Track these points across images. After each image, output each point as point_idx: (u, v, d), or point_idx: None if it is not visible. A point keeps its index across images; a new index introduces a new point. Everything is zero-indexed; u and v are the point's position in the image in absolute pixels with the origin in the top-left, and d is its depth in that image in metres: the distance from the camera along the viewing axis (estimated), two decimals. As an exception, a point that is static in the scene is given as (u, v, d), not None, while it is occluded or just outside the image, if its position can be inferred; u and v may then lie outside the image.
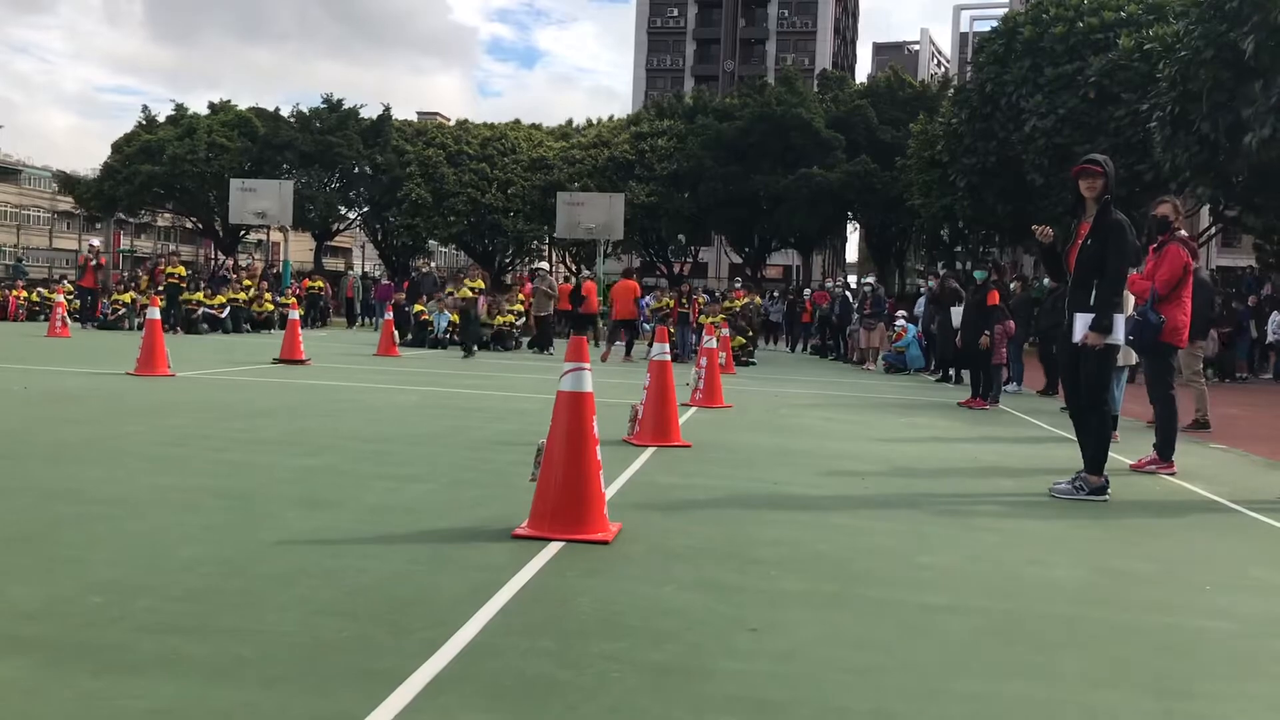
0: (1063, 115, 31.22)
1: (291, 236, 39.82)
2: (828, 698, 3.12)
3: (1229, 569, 5.09)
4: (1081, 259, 6.80)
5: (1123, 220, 6.77)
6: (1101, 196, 6.80)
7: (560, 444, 4.94)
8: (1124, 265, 6.83)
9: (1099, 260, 6.70)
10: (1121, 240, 6.71)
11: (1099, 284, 6.68)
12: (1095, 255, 6.72)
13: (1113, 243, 6.68)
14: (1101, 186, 6.81)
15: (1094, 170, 6.83)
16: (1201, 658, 3.68)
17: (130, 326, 25.24)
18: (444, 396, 12.19)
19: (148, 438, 7.73)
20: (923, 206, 40.21)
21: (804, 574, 4.56)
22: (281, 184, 38.48)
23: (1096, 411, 6.94)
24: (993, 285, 13.87)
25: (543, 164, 51.58)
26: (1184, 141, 25.35)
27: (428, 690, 3.02)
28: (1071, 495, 6.75)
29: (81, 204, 54.31)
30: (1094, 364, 6.79)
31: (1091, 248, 6.74)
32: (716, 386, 12.15)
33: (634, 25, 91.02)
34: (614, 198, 36.60)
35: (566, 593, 4.08)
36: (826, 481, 7.10)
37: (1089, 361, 6.78)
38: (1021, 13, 35.42)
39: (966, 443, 9.79)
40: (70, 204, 63.32)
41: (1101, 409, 6.97)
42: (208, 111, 52.15)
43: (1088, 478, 6.81)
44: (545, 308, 23.40)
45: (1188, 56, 24.72)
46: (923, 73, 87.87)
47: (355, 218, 56.62)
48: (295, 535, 4.82)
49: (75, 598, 3.73)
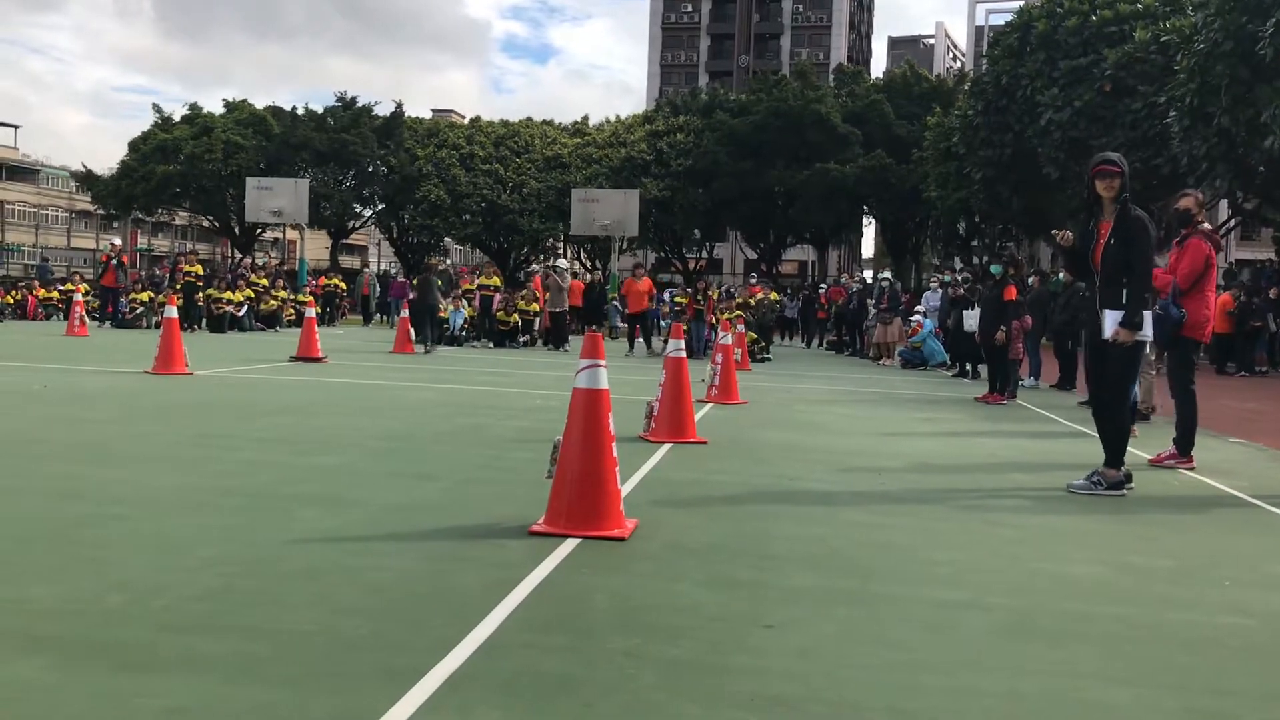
0: (1078, 108, 31.08)
1: (307, 235, 39.94)
2: (843, 695, 3.12)
3: (1248, 564, 5.05)
4: (1106, 258, 6.82)
5: (1143, 216, 6.82)
6: (1120, 195, 6.81)
7: (576, 441, 4.94)
8: (1150, 262, 6.86)
9: (1124, 258, 6.73)
10: (1145, 237, 6.74)
11: (1129, 281, 6.70)
12: (1120, 253, 6.74)
13: (1137, 240, 6.70)
14: (1119, 186, 6.83)
15: (1111, 170, 6.84)
16: (1221, 654, 3.66)
17: (148, 325, 25.37)
18: (460, 394, 12.22)
19: (166, 437, 7.77)
20: (939, 199, 40.12)
21: (820, 570, 4.55)
22: (297, 182, 38.61)
23: (1119, 406, 6.96)
24: (1010, 280, 13.81)
25: (558, 162, 51.61)
26: (1202, 133, 25.21)
27: (445, 687, 3.03)
28: (1089, 491, 6.72)
29: (99, 203, 54.59)
30: (1122, 360, 6.80)
31: (1115, 246, 6.77)
32: (732, 383, 12.14)
33: (648, 21, 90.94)
34: (629, 194, 36.60)
35: (583, 589, 4.09)
36: (842, 478, 7.08)
37: (1117, 358, 6.79)
38: (1036, 6, 35.27)
39: (983, 438, 9.76)
40: (88, 203, 63.62)
41: (1124, 403, 6.98)
42: (223, 110, 52.36)
43: (1105, 472, 6.79)
44: (559, 304, 23.43)
45: (1206, 49, 24.56)
46: (938, 67, 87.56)
47: (370, 215, 56.75)
48: (313, 534, 4.83)
49: (93, 597, 3.75)
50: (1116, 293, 6.75)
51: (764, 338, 22.87)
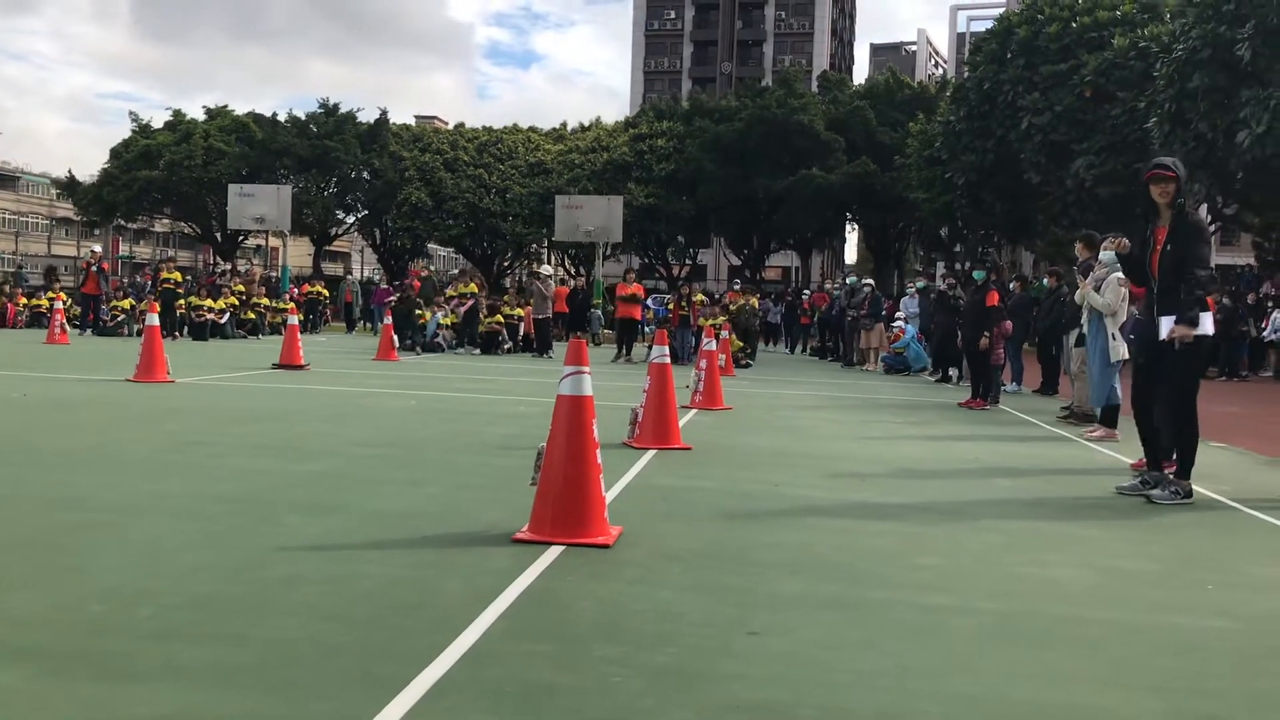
0: (1059, 113, 31.30)
1: (290, 241, 39.81)
2: (830, 700, 3.12)
3: (1232, 568, 5.09)
4: (1164, 264, 6.77)
5: (1199, 220, 6.83)
6: (1175, 200, 6.78)
7: (560, 448, 4.93)
8: (1204, 262, 6.80)
9: (1182, 263, 6.68)
10: (1199, 240, 6.76)
11: (1183, 282, 6.64)
12: (1178, 259, 6.69)
13: (1191, 242, 6.69)
14: (1174, 191, 6.77)
15: (1166, 175, 6.79)
16: (1205, 657, 3.68)
17: (129, 333, 25.24)
18: (444, 401, 12.19)
19: (148, 444, 7.72)
20: (924, 202, 40.30)
21: (805, 576, 4.55)
22: (280, 189, 38.49)
23: (1186, 412, 6.81)
24: (992, 285, 13.87)
25: (541, 168, 51.63)
26: (1181, 138, 25.42)
27: (430, 695, 3.02)
28: (1172, 501, 6.67)
29: (81, 210, 54.35)
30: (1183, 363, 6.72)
31: (1172, 252, 6.71)
32: (716, 389, 12.14)
33: (631, 28, 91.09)
34: (612, 200, 36.60)
35: (567, 597, 4.08)
36: (827, 483, 7.09)
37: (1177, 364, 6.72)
38: (1017, 12, 35.51)
39: (967, 443, 9.79)
40: (69, 210, 63.34)
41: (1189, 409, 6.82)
42: (205, 117, 52.20)
43: (1182, 483, 6.78)
44: (543, 310, 23.39)
45: (1184, 56, 24.78)
46: (920, 73, 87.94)
47: (353, 222, 56.63)
48: (297, 541, 4.81)
49: (77, 605, 3.73)
50: (1175, 300, 6.68)
51: (749, 343, 22.88)
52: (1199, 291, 6.70)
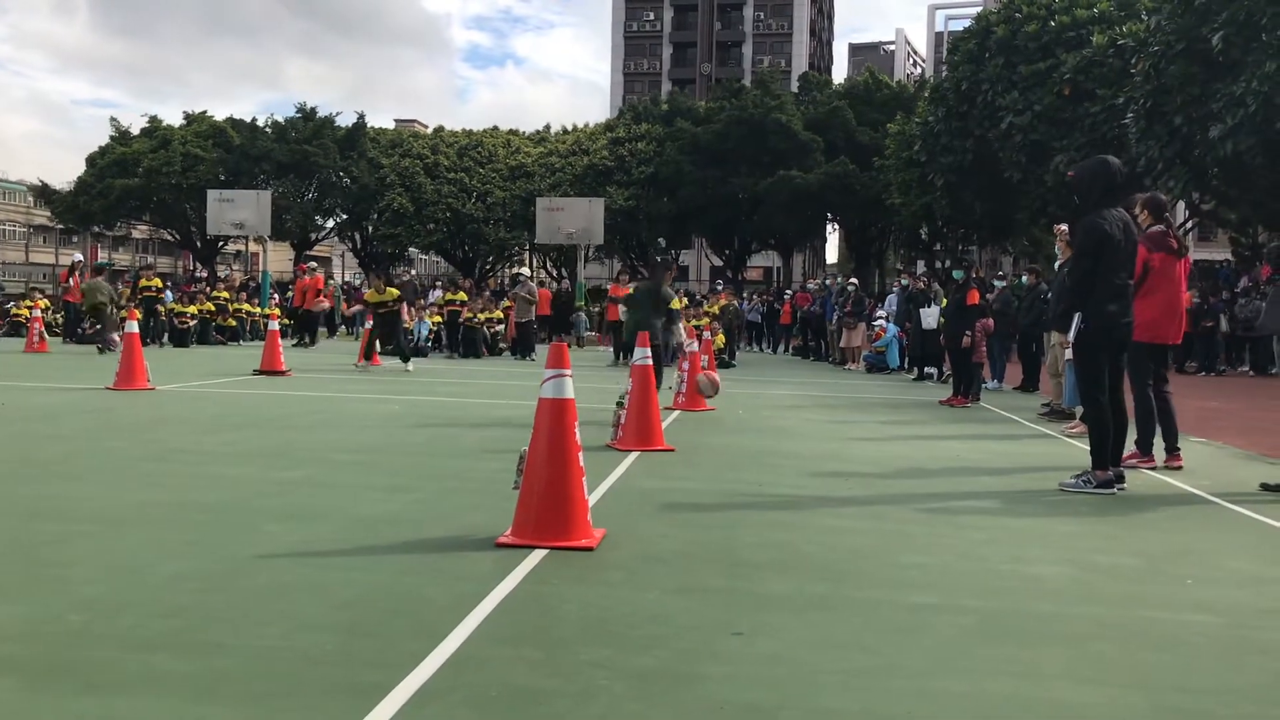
0: (1038, 112, 31.44)
1: (270, 247, 39.63)
2: (816, 700, 3.12)
3: (1212, 562, 5.11)
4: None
5: (1084, 225, 7.01)
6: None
7: (542, 451, 4.92)
8: (1073, 272, 7.24)
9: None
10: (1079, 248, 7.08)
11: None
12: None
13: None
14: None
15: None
16: (1187, 652, 3.70)
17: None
18: (426, 405, 12.16)
19: (128, 452, 7.68)
20: (903, 205, 40.37)
21: (790, 576, 4.55)
22: (259, 194, 38.29)
23: (1088, 406, 7.20)
24: (972, 284, 13.93)
25: (522, 171, 51.55)
26: (1158, 134, 25.57)
27: (413, 702, 3.00)
28: (1078, 490, 6.92)
29: (57, 218, 54.00)
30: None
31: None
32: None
33: (610, 29, 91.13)
34: (593, 202, 36.59)
35: (551, 601, 4.07)
36: (810, 482, 7.10)
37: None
38: (995, 11, 35.64)
39: (949, 441, 9.81)
40: (47, 217, 62.91)
41: (1093, 404, 7.12)
42: (182, 122, 51.93)
43: (1093, 472, 6.99)
44: (526, 314, 23.37)
45: (1160, 51, 24.94)
46: (899, 73, 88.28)
47: (333, 227, 56.42)
48: (279, 549, 4.79)
49: (57, 616, 3.70)
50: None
51: (730, 342, 22.93)
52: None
